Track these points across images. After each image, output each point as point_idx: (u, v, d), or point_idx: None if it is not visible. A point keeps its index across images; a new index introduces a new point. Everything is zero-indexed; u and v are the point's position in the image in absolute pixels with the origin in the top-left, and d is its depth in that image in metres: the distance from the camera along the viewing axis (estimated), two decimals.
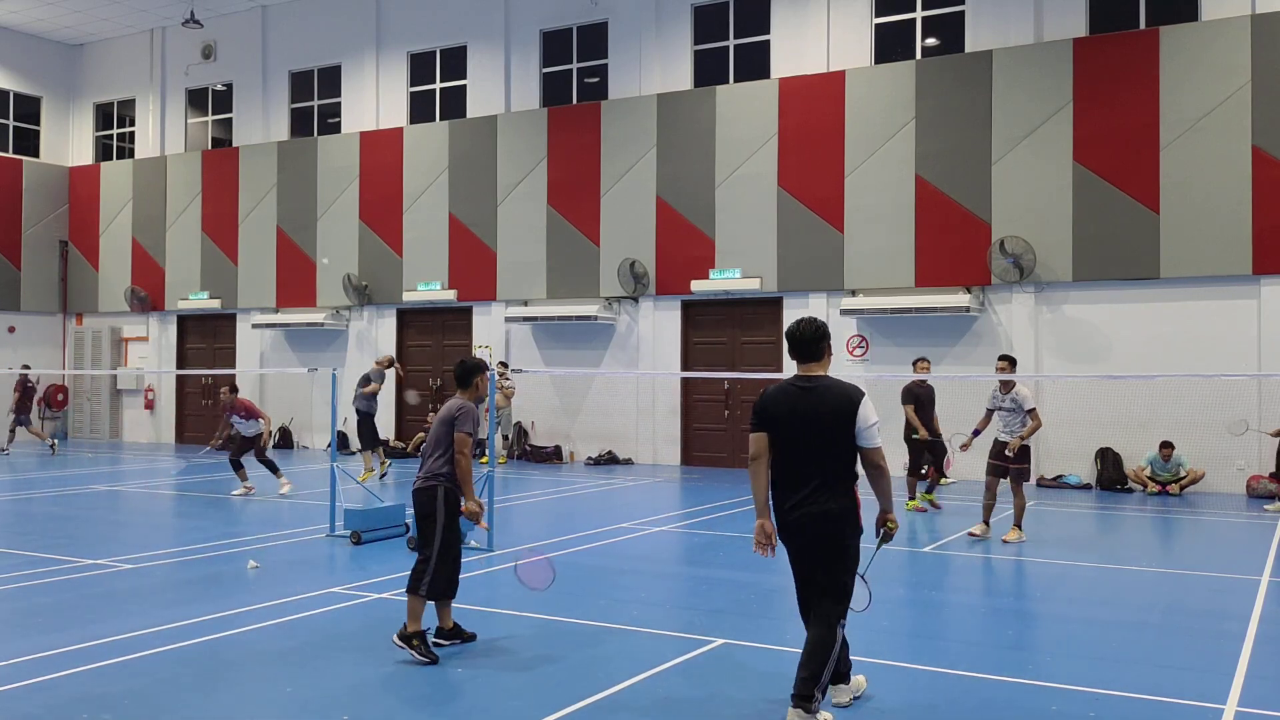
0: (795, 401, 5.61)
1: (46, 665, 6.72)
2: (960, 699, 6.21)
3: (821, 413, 5.53)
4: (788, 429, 5.59)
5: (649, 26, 20.85)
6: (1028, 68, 17.65)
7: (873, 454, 5.58)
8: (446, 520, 7.13)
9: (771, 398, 5.69)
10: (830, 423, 5.52)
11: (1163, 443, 16.11)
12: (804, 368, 5.73)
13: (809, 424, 5.54)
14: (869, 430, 5.55)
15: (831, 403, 5.55)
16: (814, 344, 5.69)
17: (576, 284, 21.24)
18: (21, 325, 27.05)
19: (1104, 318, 17.11)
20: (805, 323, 5.75)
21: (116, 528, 13.15)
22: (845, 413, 5.52)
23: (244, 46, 25.55)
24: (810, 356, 5.71)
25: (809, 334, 5.70)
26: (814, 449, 5.54)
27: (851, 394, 5.58)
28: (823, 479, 5.53)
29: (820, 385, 5.63)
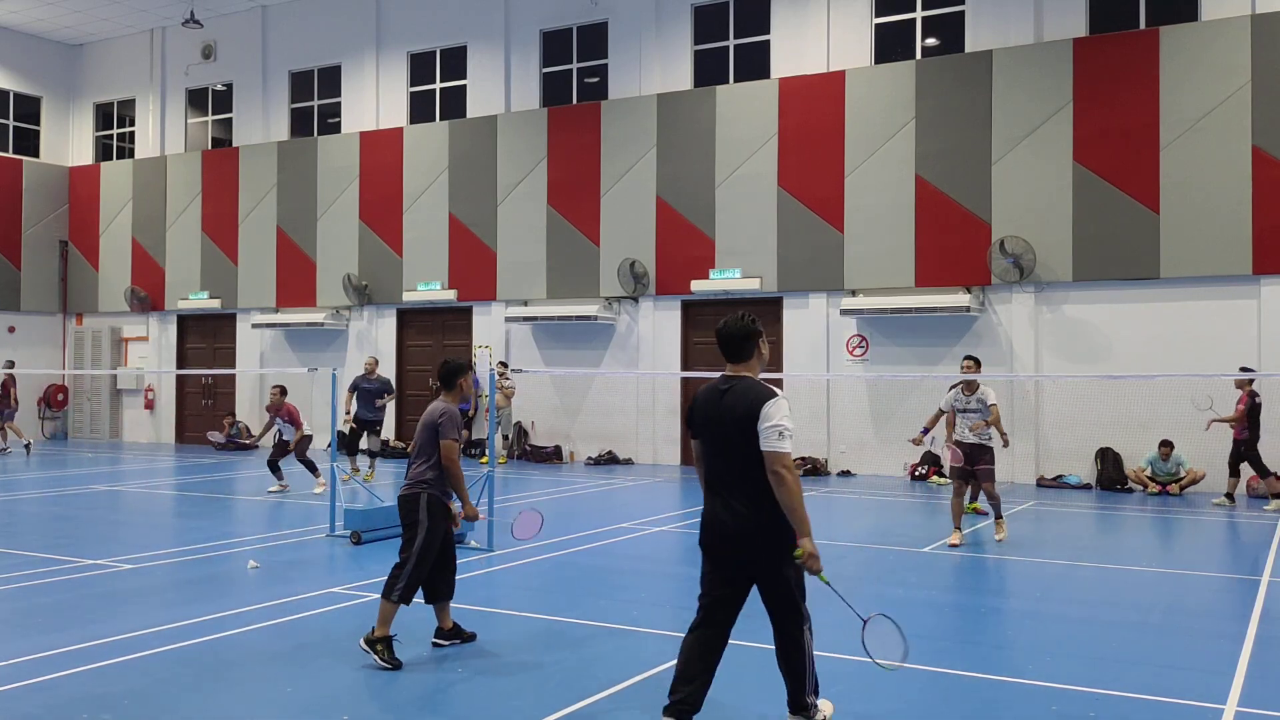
0: (715, 403, 5.26)
1: (46, 665, 6.72)
2: (960, 699, 6.21)
3: (735, 415, 5.14)
4: (708, 433, 5.29)
5: (649, 26, 20.85)
6: (1028, 68, 17.65)
7: (771, 459, 5.01)
8: (430, 527, 7.07)
9: (697, 401, 5.38)
10: (742, 426, 5.10)
11: (1162, 441, 16.11)
12: (731, 368, 5.34)
13: (725, 427, 5.18)
14: (767, 429, 5.01)
15: (743, 405, 5.13)
16: (741, 342, 5.28)
17: (576, 284, 21.24)
18: (21, 325, 27.05)
19: (1104, 318, 17.11)
20: (734, 319, 5.33)
21: (116, 528, 13.15)
22: (752, 415, 5.08)
23: (244, 46, 25.55)
24: (737, 356, 5.30)
25: (737, 331, 5.29)
26: (732, 454, 5.17)
27: (761, 395, 5.13)
28: (744, 487, 5.14)
29: (737, 386, 5.23)
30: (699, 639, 5.31)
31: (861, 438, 18.72)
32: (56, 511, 14.15)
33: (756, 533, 5.14)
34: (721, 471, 5.23)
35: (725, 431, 5.18)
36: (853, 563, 10.69)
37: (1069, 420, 16.96)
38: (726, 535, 5.20)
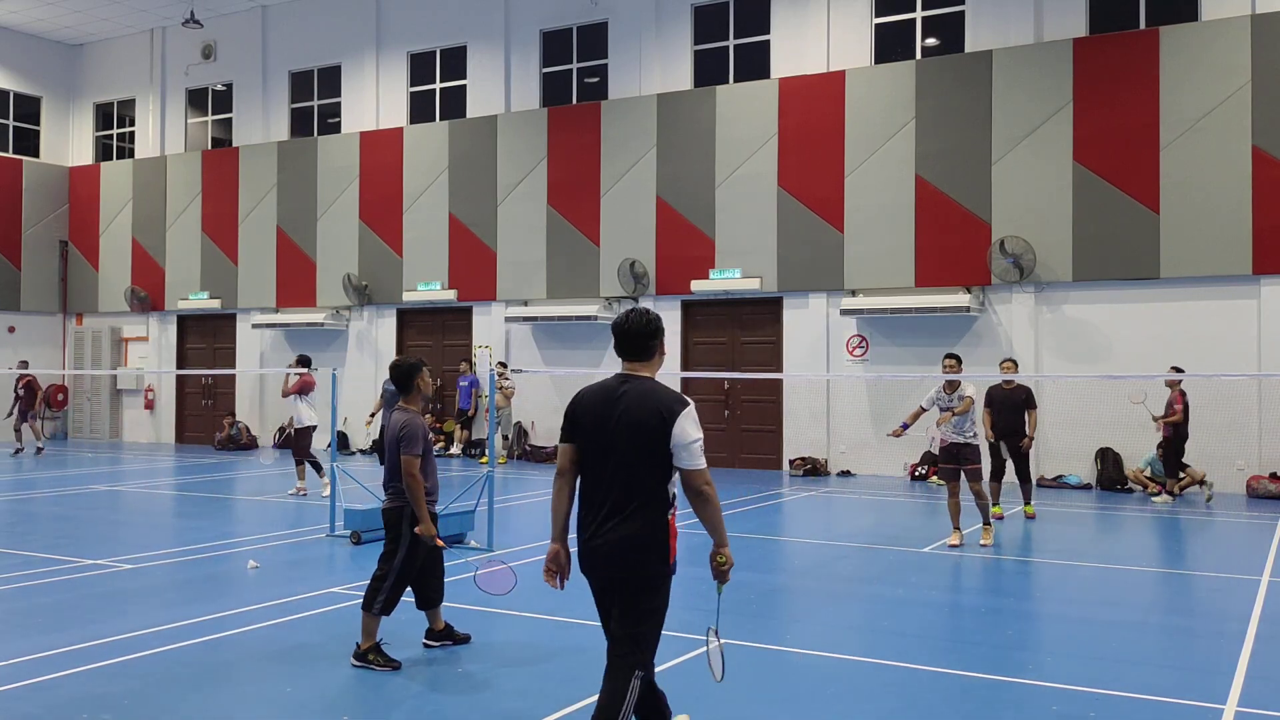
0: (606, 405, 4.69)
1: (46, 665, 6.72)
2: (960, 699, 6.21)
3: (631, 421, 4.61)
4: (594, 437, 4.70)
5: (649, 26, 20.85)
6: (1028, 68, 17.65)
7: (693, 477, 4.59)
8: (411, 542, 6.92)
9: (582, 401, 4.80)
10: (639, 434, 4.59)
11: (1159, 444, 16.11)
12: (628, 366, 4.82)
13: (616, 433, 4.63)
14: (689, 449, 4.57)
15: (643, 411, 4.61)
16: (643, 340, 4.78)
17: (576, 284, 21.24)
18: (21, 325, 27.05)
19: (1104, 318, 17.11)
20: (636, 315, 4.81)
21: (116, 528, 13.15)
22: (657, 425, 4.58)
23: (244, 46, 25.55)
24: (636, 355, 4.79)
25: (638, 328, 4.78)
26: (619, 463, 4.62)
27: (669, 404, 4.62)
28: (627, 499, 4.61)
29: (635, 389, 4.69)
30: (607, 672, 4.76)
31: (861, 438, 18.72)
32: (56, 511, 14.15)
33: (637, 551, 4.62)
34: (608, 481, 4.66)
35: (621, 437, 4.63)
36: (853, 563, 10.70)
37: (1069, 420, 16.96)
38: (611, 554, 4.64)
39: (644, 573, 4.65)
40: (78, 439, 27.01)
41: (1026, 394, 13.19)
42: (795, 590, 9.47)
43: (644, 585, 4.67)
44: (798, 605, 8.91)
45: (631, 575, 4.65)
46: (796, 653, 7.19)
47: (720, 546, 4.75)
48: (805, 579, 9.91)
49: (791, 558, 11.10)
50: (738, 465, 19.86)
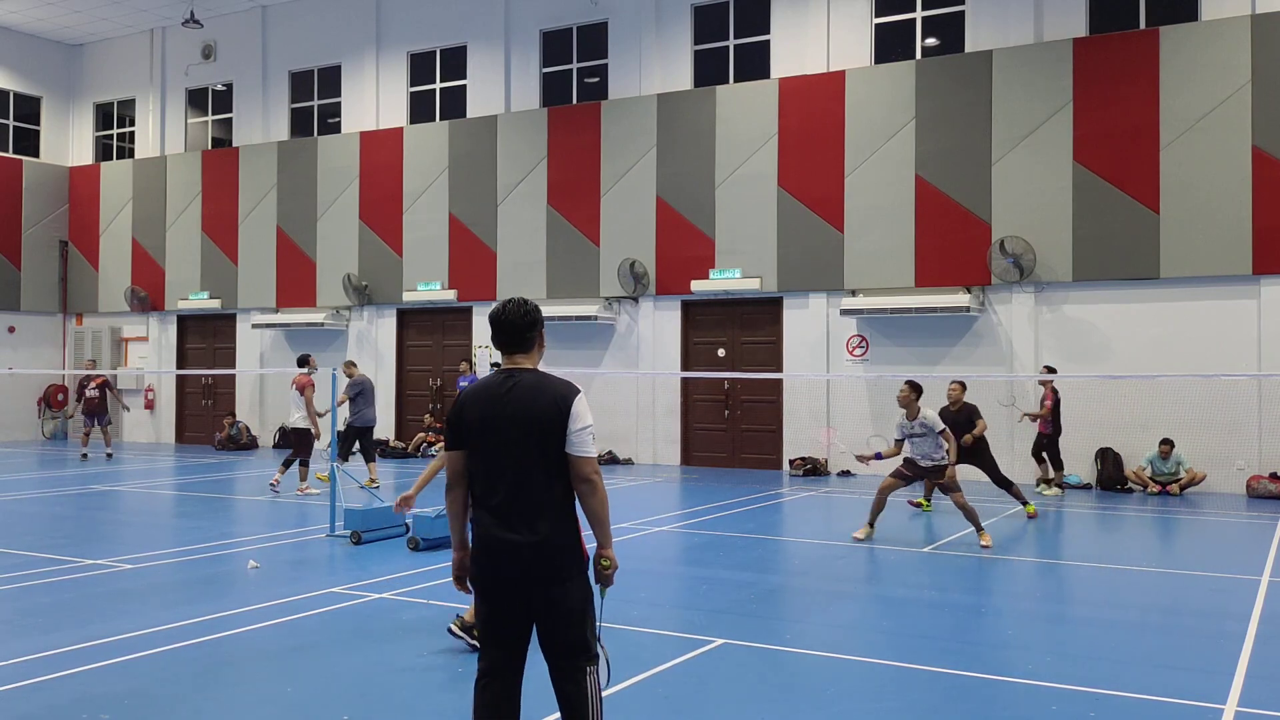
0: (494, 401, 4.46)
1: (46, 665, 6.72)
2: (960, 699, 6.21)
3: (527, 413, 4.40)
4: (486, 435, 4.43)
5: (649, 26, 20.85)
6: (1028, 68, 17.65)
7: (582, 464, 4.39)
8: None
9: (467, 400, 4.54)
10: (537, 425, 4.38)
11: (1162, 440, 16.14)
12: (508, 359, 4.61)
13: (510, 429, 4.40)
14: (579, 434, 4.39)
15: (539, 401, 4.41)
16: (521, 331, 4.58)
17: (576, 284, 21.24)
18: (21, 325, 27.04)
19: (1104, 318, 17.11)
20: (513, 305, 4.62)
21: (116, 528, 13.15)
22: (552, 413, 4.39)
23: (244, 46, 25.55)
24: (516, 346, 4.59)
25: (516, 318, 4.58)
26: (519, 460, 4.39)
27: (563, 391, 4.45)
28: (537, 500, 4.38)
29: (526, 381, 4.48)
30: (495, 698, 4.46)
31: (861, 438, 18.67)
32: (56, 511, 14.15)
33: (554, 555, 4.37)
34: (507, 482, 4.40)
35: (516, 434, 4.40)
36: (853, 563, 10.70)
37: (1069, 420, 16.93)
38: (516, 562, 4.35)
39: (565, 574, 4.40)
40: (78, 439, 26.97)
41: (971, 410, 13.54)
42: (795, 590, 9.47)
43: (567, 587, 4.41)
44: (798, 605, 8.91)
45: (552, 580, 4.38)
46: (796, 653, 7.19)
47: (604, 547, 4.49)
48: (805, 579, 9.91)
49: (791, 558, 11.10)
50: (738, 465, 19.86)
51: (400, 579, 9.48)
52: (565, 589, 4.39)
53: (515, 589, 4.40)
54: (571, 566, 4.41)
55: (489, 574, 4.42)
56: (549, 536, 4.36)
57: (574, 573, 4.42)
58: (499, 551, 4.37)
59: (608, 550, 4.48)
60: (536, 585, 4.37)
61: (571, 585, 4.41)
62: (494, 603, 4.44)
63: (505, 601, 4.42)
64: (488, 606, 4.46)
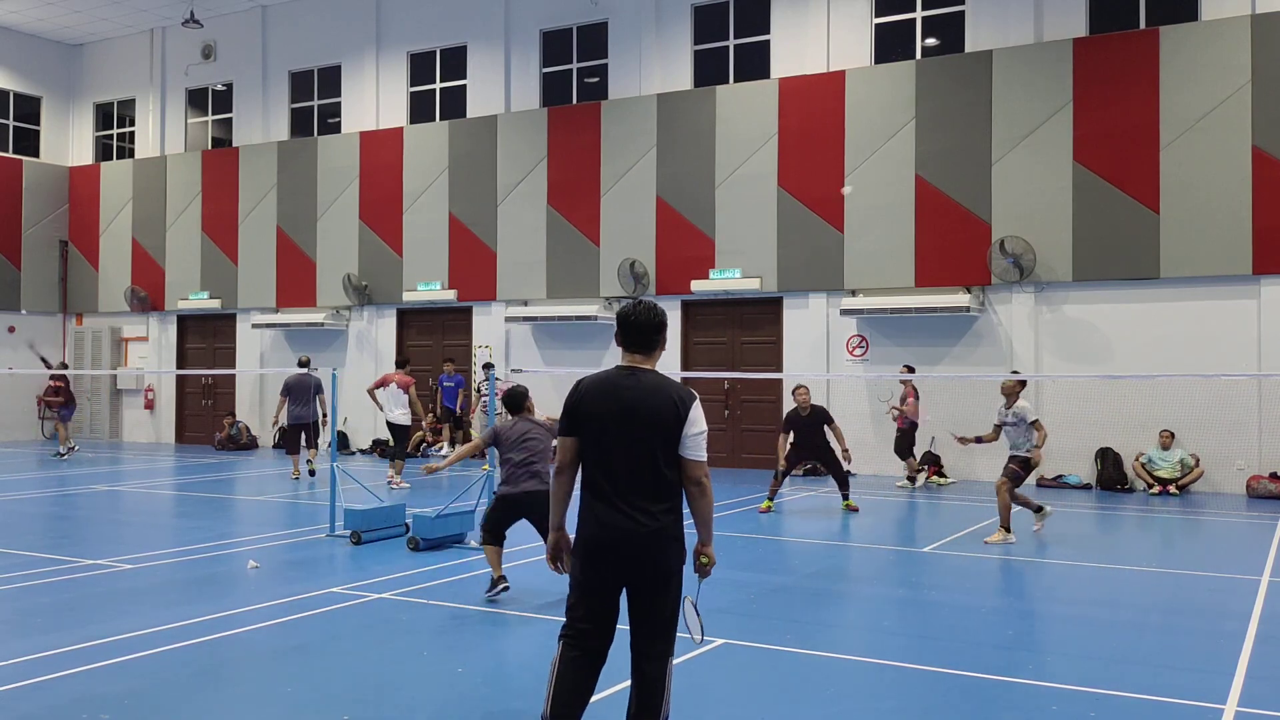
0: (616, 396, 4.70)
1: (46, 665, 6.72)
2: (960, 699, 6.21)
3: (647, 411, 4.65)
4: (608, 428, 4.69)
5: (649, 26, 20.85)
6: (1028, 68, 17.65)
7: (694, 468, 4.68)
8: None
9: (588, 393, 4.77)
10: (656, 423, 4.64)
11: (1162, 431, 16.18)
12: (630, 358, 4.83)
13: (635, 423, 4.65)
14: (695, 439, 4.67)
15: (659, 401, 4.67)
16: (650, 333, 4.81)
17: (576, 284, 21.24)
18: (22, 325, 27.05)
19: (1104, 318, 17.11)
20: (643, 307, 4.83)
21: (116, 528, 13.15)
22: (671, 414, 4.65)
23: (244, 46, 25.55)
24: (642, 347, 4.82)
25: (645, 320, 4.80)
26: (641, 454, 4.65)
27: (682, 395, 4.71)
28: (646, 490, 4.64)
29: (646, 379, 4.74)
30: (579, 667, 4.74)
31: (861, 438, 18.70)
32: (56, 511, 14.16)
33: (663, 541, 4.67)
34: (622, 471, 4.66)
35: (634, 428, 4.65)
36: (853, 563, 10.70)
37: (1069, 420, 16.94)
38: (626, 543, 4.64)
39: (670, 563, 4.72)
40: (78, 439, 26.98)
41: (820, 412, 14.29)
42: (795, 590, 9.47)
43: (670, 575, 4.73)
44: (798, 605, 8.90)
45: (659, 567, 4.69)
46: (796, 653, 7.19)
47: (705, 545, 4.85)
48: (805, 579, 9.91)
49: (791, 558, 11.10)
50: (738, 465, 19.86)
51: (400, 579, 9.48)
52: (669, 580, 4.70)
53: (622, 572, 4.69)
54: (678, 558, 4.73)
55: (596, 556, 4.70)
56: (663, 528, 4.66)
57: (679, 565, 4.74)
58: (612, 536, 4.65)
59: (708, 548, 4.84)
60: (644, 571, 4.67)
61: (675, 577, 4.73)
62: (596, 582, 4.72)
63: (608, 582, 4.72)
64: (589, 583, 4.73)
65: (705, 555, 4.84)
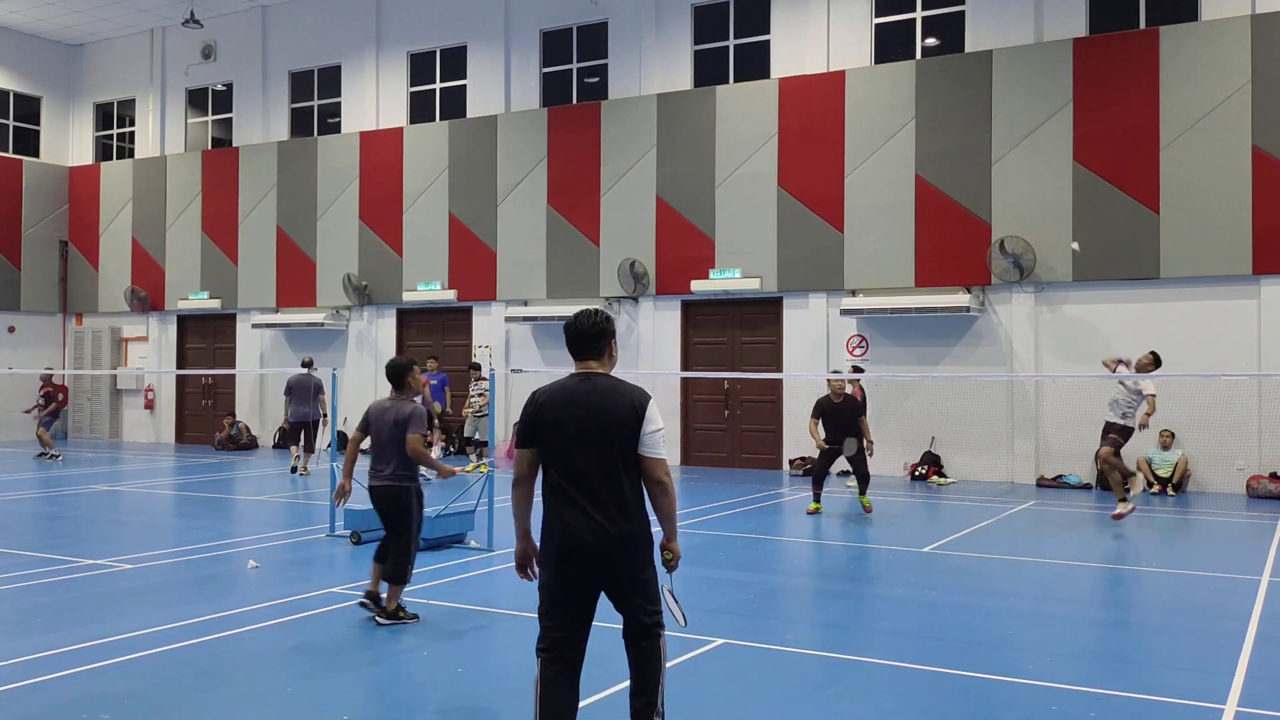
0: (574, 403, 4.82)
1: (46, 665, 6.73)
2: (960, 699, 6.21)
3: (605, 415, 4.77)
4: (568, 433, 4.79)
5: (649, 26, 20.85)
6: (1028, 68, 17.65)
7: (655, 465, 4.79)
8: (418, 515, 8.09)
9: (546, 403, 4.87)
10: (615, 427, 4.75)
11: (1162, 431, 16.21)
12: (582, 364, 4.96)
13: (594, 426, 4.76)
14: (653, 436, 4.79)
15: (616, 404, 4.78)
16: (594, 339, 4.94)
17: (576, 284, 21.24)
18: (21, 325, 27.05)
19: (1104, 318, 17.11)
20: (586, 314, 4.98)
21: (116, 528, 13.15)
22: (629, 415, 4.76)
23: (244, 46, 25.55)
24: (591, 353, 4.95)
25: (588, 327, 4.94)
26: (603, 456, 4.76)
27: (637, 396, 4.84)
28: (613, 492, 4.76)
29: (601, 383, 4.87)
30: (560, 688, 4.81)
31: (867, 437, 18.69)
32: (56, 511, 14.15)
33: (629, 540, 4.78)
34: (585, 475, 4.76)
35: (594, 431, 4.76)
36: (853, 563, 10.70)
37: (1069, 420, 16.95)
38: (596, 548, 4.74)
39: (640, 562, 4.86)
40: (78, 439, 27.00)
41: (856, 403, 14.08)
42: (795, 590, 9.47)
43: (642, 572, 4.88)
44: (798, 605, 8.91)
45: (630, 568, 4.83)
46: (796, 653, 7.19)
47: (670, 540, 4.98)
48: (805, 579, 9.91)
49: (791, 558, 11.10)
50: (738, 465, 19.86)
51: None
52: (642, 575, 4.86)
53: (595, 576, 4.81)
54: (648, 555, 4.90)
55: (566, 561, 4.79)
56: (630, 529, 4.78)
57: (650, 560, 4.92)
58: (580, 541, 4.75)
59: (673, 544, 4.98)
60: (617, 572, 4.81)
61: (648, 572, 4.89)
62: (566, 587, 4.82)
63: (578, 586, 4.82)
64: (560, 589, 4.83)
65: (669, 550, 4.98)
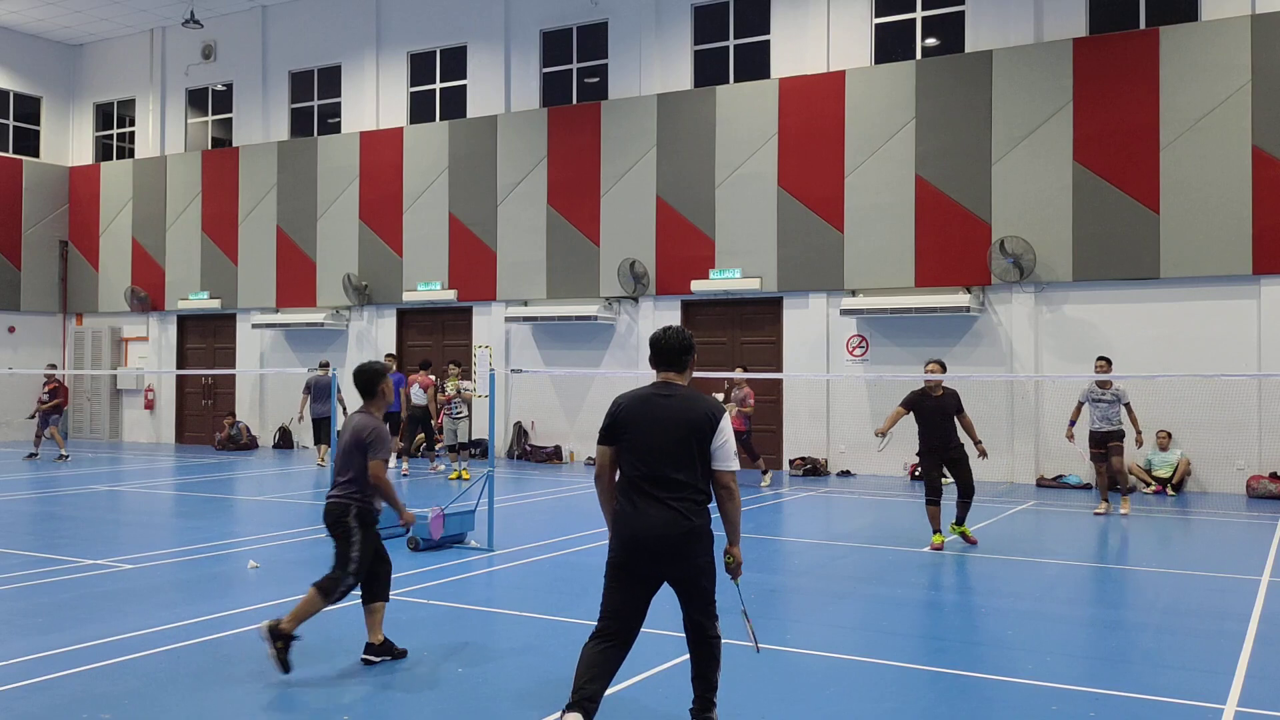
0: (654, 409, 5.29)
1: (46, 665, 6.72)
2: (960, 699, 6.21)
3: (684, 423, 5.23)
4: (648, 435, 5.24)
5: (649, 26, 20.85)
6: (1028, 68, 17.65)
7: (725, 475, 5.26)
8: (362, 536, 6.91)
9: (628, 406, 5.35)
10: (692, 434, 5.21)
11: (1159, 431, 16.21)
12: (664, 376, 5.43)
13: (675, 431, 5.22)
14: (724, 448, 5.25)
15: (695, 414, 5.25)
16: (679, 354, 5.43)
17: (576, 284, 21.24)
18: (21, 325, 27.05)
19: (1104, 318, 17.11)
20: (673, 331, 5.47)
21: (116, 528, 13.15)
22: (706, 425, 5.23)
23: (244, 46, 25.55)
24: (673, 365, 5.44)
25: (674, 343, 5.42)
26: (680, 458, 5.20)
27: (715, 408, 5.32)
28: (687, 491, 5.19)
29: (682, 392, 5.36)
30: (604, 653, 5.21)
31: (861, 438, 18.71)
32: (57, 511, 14.15)
33: (697, 537, 5.18)
34: (661, 475, 5.18)
35: (674, 435, 5.21)
36: (853, 563, 10.70)
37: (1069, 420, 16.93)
38: (663, 539, 5.14)
39: (705, 559, 5.23)
40: (78, 439, 26.99)
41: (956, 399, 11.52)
42: (795, 590, 9.47)
43: (707, 570, 5.24)
44: (798, 605, 8.91)
45: (695, 564, 5.19)
46: (796, 653, 7.19)
47: (732, 545, 5.34)
48: (805, 579, 9.91)
49: (791, 558, 11.10)
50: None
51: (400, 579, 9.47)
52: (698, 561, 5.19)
53: (661, 567, 5.19)
54: (709, 551, 5.24)
55: (631, 548, 5.19)
56: (698, 526, 5.17)
57: (710, 559, 5.25)
58: (649, 530, 5.13)
59: (735, 548, 5.35)
60: (672, 559, 5.16)
61: (703, 559, 5.21)
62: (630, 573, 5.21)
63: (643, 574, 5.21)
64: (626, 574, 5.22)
65: (731, 555, 5.34)
